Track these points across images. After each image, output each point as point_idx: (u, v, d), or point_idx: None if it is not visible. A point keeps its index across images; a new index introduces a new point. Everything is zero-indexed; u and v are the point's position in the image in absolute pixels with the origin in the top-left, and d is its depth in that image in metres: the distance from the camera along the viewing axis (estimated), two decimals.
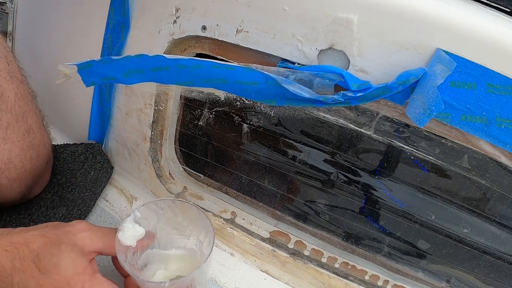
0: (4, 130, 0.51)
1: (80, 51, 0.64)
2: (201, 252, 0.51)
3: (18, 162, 0.53)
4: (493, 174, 0.47)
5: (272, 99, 0.45)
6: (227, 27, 0.48)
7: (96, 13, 0.60)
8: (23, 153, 0.53)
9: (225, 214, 0.61)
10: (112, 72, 0.50)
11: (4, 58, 0.52)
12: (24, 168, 0.54)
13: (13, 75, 0.53)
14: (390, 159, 0.52)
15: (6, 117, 0.51)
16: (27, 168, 0.54)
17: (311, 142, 0.55)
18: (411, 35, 0.39)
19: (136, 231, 0.49)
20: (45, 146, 0.58)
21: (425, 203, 0.52)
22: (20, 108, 0.53)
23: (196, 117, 0.60)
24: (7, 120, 0.51)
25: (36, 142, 0.56)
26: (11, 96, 0.52)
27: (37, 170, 0.57)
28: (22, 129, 0.53)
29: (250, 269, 0.56)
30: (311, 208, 0.59)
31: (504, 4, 0.43)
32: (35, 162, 0.56)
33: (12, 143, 0.52)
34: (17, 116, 0.52)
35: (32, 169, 0.55)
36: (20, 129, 0.53)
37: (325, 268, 0.55)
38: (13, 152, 0.52)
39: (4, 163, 0.51)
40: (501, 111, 0.37)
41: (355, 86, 0.41)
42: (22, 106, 0.53)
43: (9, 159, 0.52)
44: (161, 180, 0.63)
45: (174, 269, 0.51)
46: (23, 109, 0.53)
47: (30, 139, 0.54)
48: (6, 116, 0.51)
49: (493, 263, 0.52)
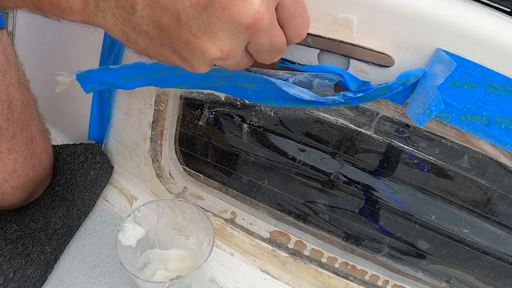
0: (10, 140, 0.50)
1: (80, 51, 0.64)
2: (201, 252, 0.51)
3: (21, 171, 0.52)
4: (493, 174, 0.47)
5: (272, 100, 0.45)
6: None
7: None
8: (27, 162, 0.53)
9: (225, 214, 0.61)
10: (111, 78, 0.50)
11: (15, 65, 0.51)
12: (27, 177, 0.54)
13: (21, 82, 0.52)
14: (390, 159, 0.52)
15: (12, 127, 0.50)
16: (30, 176, 0.54)
17: (311, 142, 0.55)
18: (411, 35, 0.39)
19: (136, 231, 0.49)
20: (48, 152, 0.58)
21: (425, 203, 0.52)
22: (25, 117, 0.52)
23: (196, 117, 0.60)
24: (13, 130, 0.50)
25: (39, 150, 0.55)
26: (18, 104, 0.51)
27: (40, 177, 0.57)
28: (26, 138, 0.53)
29: (250, 269, 0.56)
30: (311, 208, 0.59)
31: (504, 4, 0.43)
32: (38, 169, 0.55)
33: (17, 153, 0.51)
34: (22, 125, 0.52)
35: (35, 177, 0.55)
36: (24, 138, 0.52)
37: (325, 268, 0.55)
38: (17, 162, 0.52)
39: (8, 173, 0.51)
40: (501, 111, 0.37)
41: (355, 86, 0.41)
42: (27, 114, 0.53)
43: (13, 169, 0.51)
44: (161, 180, 0.63)
45: (174, 269, 0.51)
46: (28, 117, 0.53)
47: (33, 147, 0.54)
48: (12, 126, 0.50)
49: (493, 263, 0.52)
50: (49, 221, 0.56)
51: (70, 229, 0.58)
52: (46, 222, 0.56)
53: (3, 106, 0.48)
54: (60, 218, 0.57)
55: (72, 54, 0.65)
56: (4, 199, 0.53)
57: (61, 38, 0.67)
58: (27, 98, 0.53)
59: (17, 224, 0.56)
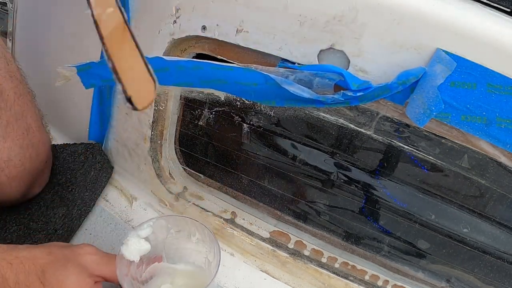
0: (4, 128, 0.51)
1: (80, 51, 0.64)
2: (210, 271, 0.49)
3: (17, 161, 0.53)
4: (493, 174, 0.47)
5: (272, 99, 0.45)
6: (227, 27, 0.48)
7: None
8: (23, 151, 0.53)
9: (225, 214, 0.61)
10: (111, 74, 0.50)
11: (3, 58, 0.52)
12: (24, 167, 0.54)
13: (13, 75, 0.53)
14: (390, 159, 0.52)
15: (5, 115, 0.51)
16: (27, 167, 0.54)
17: (311, 142, 0.55)
18: (411, 35, 0.39)
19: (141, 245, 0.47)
20: (44, 145, 0.58)
21: (425, 203, 0.52)
22: (19, 107, 0.53)
23: (196, 117, 0.60)
24: (6, 119, 0.51)
25: (35, 141, 0.56)
26: (11, 94, 0.52)
27: (36, 169, 0.57)
28: (22, 127, 0.53)
29: (250, 269, 0.56)
30: (311, 208, 0.59)
31: (504, 4, 0.43)
32: (35, 161, 0.56)
33: (12, 141, 0.52)
34: (16, 115, 0.52)
35: (31, 168, 0.55)
36: (19, 127, 0.53)
37: (325, 268, 0.55)
38: (12, 150, 0.52)
39: (3, 161, 0.51)
40: (501, 111, 0.37)
41: (355, 85, 0.41)
42: (22, 105, 0.53)
43: (8, 157, 0.52)
44: (161, 180, 0.63)
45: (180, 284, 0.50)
46: (22, 108, 0.53)
47: (29, 137, 0.54)
48: (5, 115, 0.51)
49: (493, 263, 0.52)
50: (49, 221, 0.56)
51: (70, 229, 0.58)
52: (46, 222, 0.56)
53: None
54: (60, 218, 0.57)
55: (72, 55, 0.66)
56: (1, 191, 0.53)
57: (61, 39, 0.67)
58: (20, 90, 0.53)
59: (17, 224, 0.56)
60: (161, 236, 0.50)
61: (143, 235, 0.48)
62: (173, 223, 0.50)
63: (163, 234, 0.50)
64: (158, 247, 0.50)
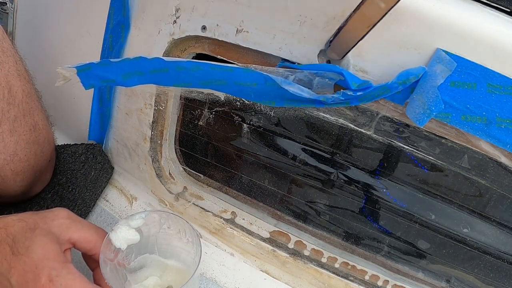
0: (12, 123, 0.51)
1: (80, 51, 0.64)
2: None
3: (23, 156, 0.53)
4: (493, 174, 0.47)
5: (272, 100, 0.45)
6: (227, 27, 0.48)
7: (96, 13, 0.60)
8: (29, 147, 0.54)
9: (225, 214, 0.61)
10: (111, 74, 0.50)
11: (12, 57, 0.52)
12: (28, 162, 0.54)
13: (21, 74, 0.53)
14: (390, 159, 0.52)
15: (13, 111, 0.51)
16: (31, 163, 0.55)
17: (311, 142, 0.55)
18: (411, 35, 0.39)
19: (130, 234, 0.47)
20: (49, 143, 0.59)
21: (425, 203, 0.52)
22: (27, 105, 0.54)
23: (196, 117, 0.60)
24: (14, 114, 0.51)
25: (41, 139, 0.56)
26: (19, 92, 0.52)
27: (40, 166, 0.57)
28: (29, 124, 0.54)
29: (250, 269, 0.56)
30: (311, 208, 0.59)
31: (504, 4, 0.43)
32: (39, 158, 0.56)
33: (19, 136, 0.52)
34: (24, 111, 0.53)
35: (35, 165, 0.56)
36: (26, 123, 0.53)
37: (325, 268, 0.55)
38: (19, 145, 0.52)
39: (10, 155, 0.52)
40: (501, 111, 0.38)
41: (355, 85, 0.41)
42: (29, 102, 0.54)
43: (14, 151, 0.52)
44: (161, 180, 0.63)
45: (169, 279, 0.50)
46: (29, 106, 0.54)
47: (36, 134, 0.55)
48: (13, 110, 0.51)
49: (493, 263, 0.52)
50: None
51: None
52: None
53: (4, 91, 0.50)
54: None
55: (72, 55, 0.66)
56: (4, 184, 0.53)
57: (61, 39, 0.67)
58: (27, 89, 0.54)
59: None
60: (153, 229, 0.50)
61: (134, 225, 0.48)
62: (165, 219, 0.50)
63: (156, 228, 0.50)
64: (150, 239, 0.51)
